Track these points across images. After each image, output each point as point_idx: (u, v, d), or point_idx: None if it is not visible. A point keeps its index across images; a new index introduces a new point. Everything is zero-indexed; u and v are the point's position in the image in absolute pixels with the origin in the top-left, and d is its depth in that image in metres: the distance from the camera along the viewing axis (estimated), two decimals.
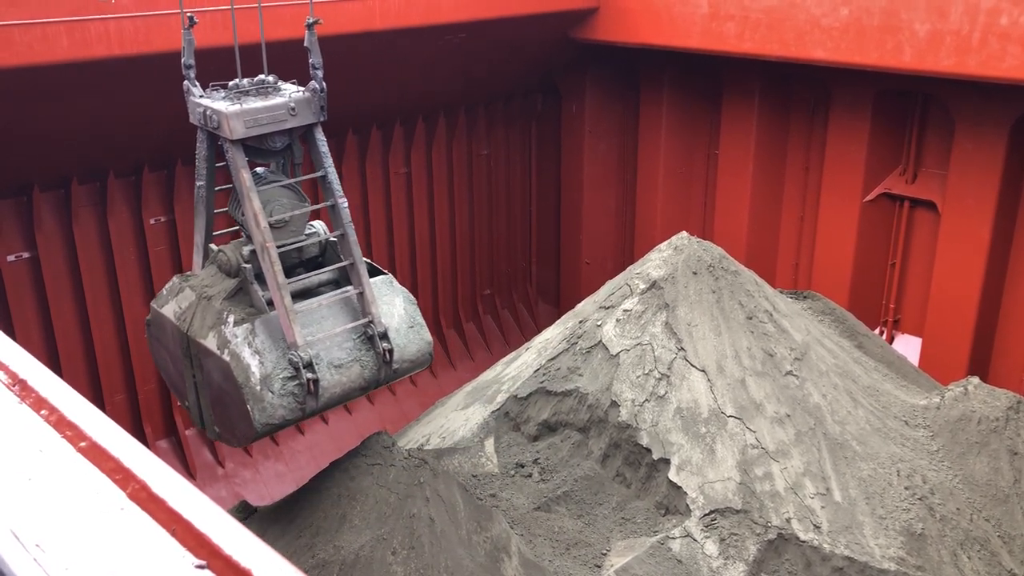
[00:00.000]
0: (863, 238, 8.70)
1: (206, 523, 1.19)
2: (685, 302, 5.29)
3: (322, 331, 3.86)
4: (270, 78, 4.00)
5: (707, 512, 4.61)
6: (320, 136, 3.98)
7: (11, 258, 7.39)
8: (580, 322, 5.64)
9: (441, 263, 10.59)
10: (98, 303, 7.87)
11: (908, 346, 8.57)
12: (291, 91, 3.91)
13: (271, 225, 3.82)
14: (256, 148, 3.85)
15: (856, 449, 4.96)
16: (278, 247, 3.82)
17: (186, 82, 3.91)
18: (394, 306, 4.09)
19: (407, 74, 8.80)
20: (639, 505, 4.85)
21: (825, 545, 4.55)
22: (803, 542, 4.54)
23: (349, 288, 4.03)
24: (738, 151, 9.45)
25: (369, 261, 4.22)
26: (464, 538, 3.89)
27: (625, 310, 5.42)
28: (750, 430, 4.87)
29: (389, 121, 9.58)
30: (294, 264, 4.10)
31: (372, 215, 9.68)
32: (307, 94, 3.89)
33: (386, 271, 4.24)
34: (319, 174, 4.01)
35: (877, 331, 8.70)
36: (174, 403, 8.50)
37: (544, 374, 5.45)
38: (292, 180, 4.02)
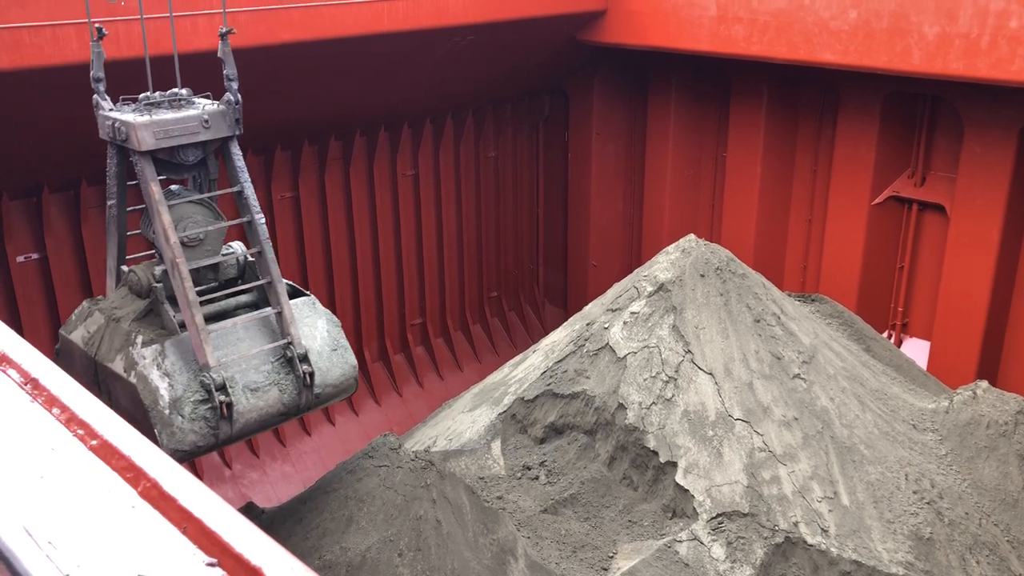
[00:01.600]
0: (871, 241, 8.67)
1: (217, 521, 1.20)
2: (692, 305, 5.29)
3: (237, 352, 3.70)
4: (184, 91, 3.86)
5: (714, 515, 4.60)
6: (236, 150, 3.83)
7: (21, 259, 7.42)
8: (587, 324, 5.64)
9: (448, 265, 10.60)
10: None
11: (916, 350, 8.53)
12: (205, 104, 3.78)
13: (184, 243, 3.69)
14: (168, 162, 3.71)
15: (864, 453, 4.95)
16: (193, 270, 3.70)
17: (95, 96, 3.79)
18: (316, 328, 3.93)
19: (415, 76, 8.82)
20: (646, 508, 4.85)
21: (833, 549, 4.53)
22: (811, 546, 4.53)
23: (268, 308, 3.85)
24: (746, 153, 9.43)
25: (290, 283, 4.11)
26: (471, 540, 3.89)
27: (632, 313, 5.41)
28: (757, 433, 4.86)
29: (397, 123, 9.60)
30: (211, 286, 3.96)
31: (379, 217, 9.69)
32: (221, 107, 3.74)
33: (308, 292, 4.11)
34: (235, 189, 3.85)
35: (885, 334, 8.67)
36: None
37: (551, 376, 5.44)
38: (206, 195, 3.87)
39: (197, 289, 3.69)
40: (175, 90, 3.84)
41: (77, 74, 6.14)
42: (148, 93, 3.77)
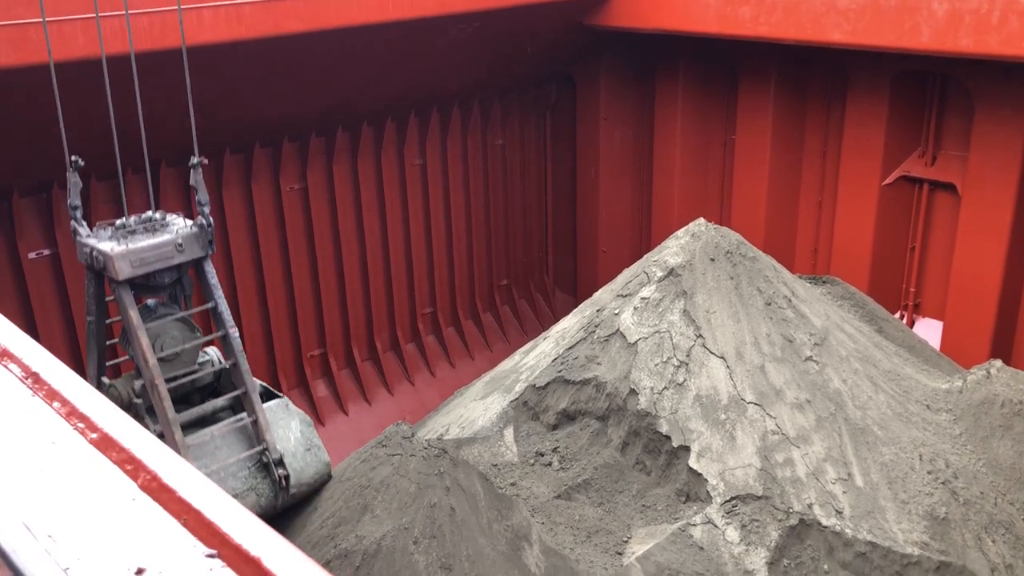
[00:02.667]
0: (882, 222, 8.62)
1: (216, 512, 1.20)
2: (703, 289, 5.27)
3: (216, 462, 3.87)
4: (157, 215, 3.98)
5: (728, 498, 4.60)
6: (209, 268, 3.99)
7: (32, 255, 7.46)
8: (597, 311, 5.63)
9: (458, 254, 10.60)
10: None
11: (929, 330, 8.50)
12: (179, 226, 3.91)
13: (163, 359, 3.85)
14: (144, 285, 3.86)
15: (878, 434, 4.94)
16: (170, 379, 3.84)
17: (72, 222, 3.92)
18: (290, 430, 4.11)
19: (421, 65, 8.80)
20: (660, 492, 4.85)
21: (847, 530, 4.53)
22: (825, 527, 4.53)
23: (243, 415, 4.02)
24: (755, 136, 9.39)
25: (264, 385, 4.28)
26: (485, 527, 3.90)
27: (643, 298, 5.40)
28: (770, 416, 4.85)
29: (403, 113, 9.59)
30: (188, 392, 4.11)
31: (388, 207, 9.70)
32: (195, 229, 3.88)
33: (281, 394, 4.27)
34: (209, 306, 4.00)
35: (897, 315, 8.64)
36: None
37: (562, 363, 5.45)
38: (183, 313, 4.03)
39: (173, 388, 3.84)
40: (149, 214, 3.96)
41: (84, 69, 6.16)
42: (123, 219, 3.89)
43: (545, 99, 11.10)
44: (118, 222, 3.90)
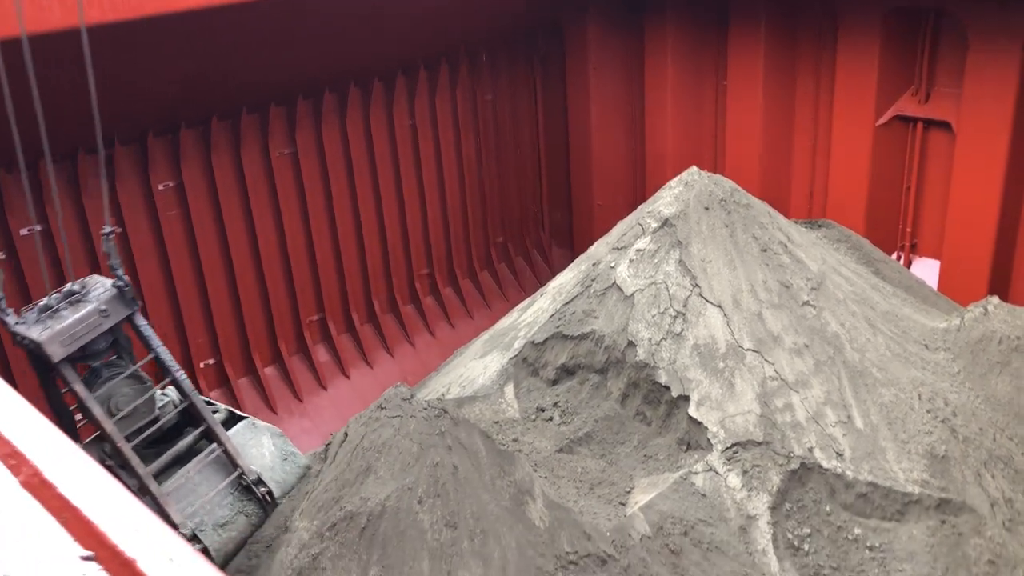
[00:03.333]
0: (877, 162, 8.56)
1: (96, 511, 1.12)
2: (698, 238, 5.25)
3: (199, 498, 4.02)
4: (76, 285, 4.03)
5: (729, 445, 4.64)
6: (140, 322, 4.05)
7: (24, 232, 7.41)
8: (593, 265, 5.62)
9: (452, 214, 10.55)
10: None
11: (926, 270, 8.49)
12: (99, 292, 3.97)
13: (121, 417, 3.99)
14: (82, 356, 3.94)
15: (876, 375, 4.95)
16: (136, 431, 3.99)
17: None
18: (262, 446, 4.31)
19: (404, 23, 8.67)
20: (660, 442, 4.88)
21: (848, 472, 4.57)
22: (826, 470, 4.56)
23: (214, 446, 4.17)
24: (747, 80, 9.28)
25: (228, 408, 4.45)
26: (488, 483, 3.93)
27: (638, 250, 5.39)
28: (768, 362, 4.87)
29: (391, 72, 9.47)
30: (156, 438, 4.26)
31: (379, 169, 9.62)
32: (113, 291, 3.96)
33: (246, 415, 4.40)
34: (151, 357, 4.11)
35: (894, 256, 8.62)
36: (194, 363, 8.60)
37: (560, 319, 5.45)
38: (130, 369, 4.12)
39: (144, 435, 4.02)
40: (69, 286, 4.01)
41: (63, 41, 6.06)
42: (45, 300, 3.96)
43: (533, 50, 10.95)
44: (41, 303, 3.98)
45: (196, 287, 8.47)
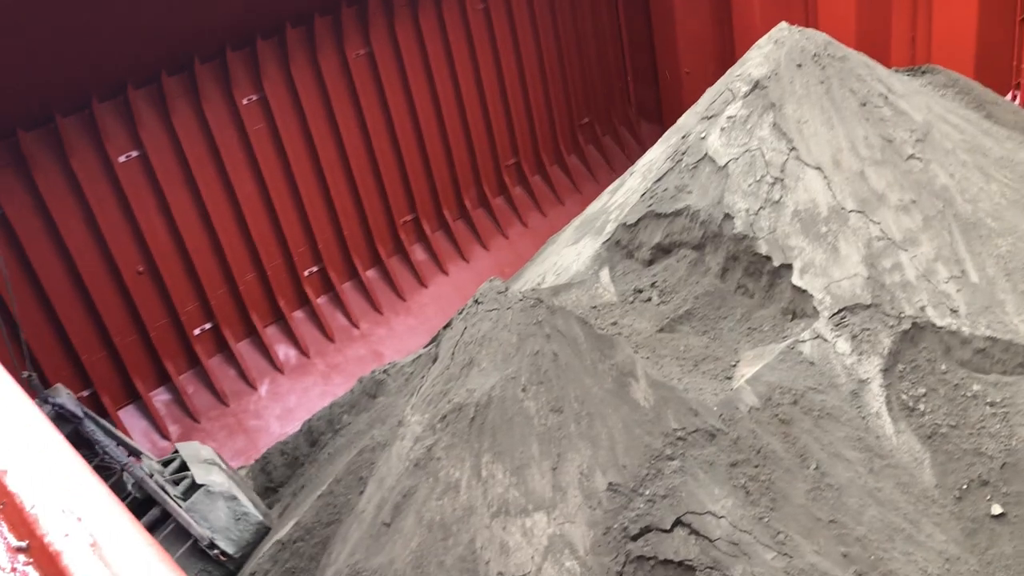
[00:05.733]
0: None
1: (34, 499, 1.07)
2: (792, 98, 5.00)
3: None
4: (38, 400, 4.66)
5: (836, 311, 4.51)
6: (88, 428, 4.74)
7: (122, 159, 7.64)
8: (683, 137, 5.44)
9: (534, 99, 10.34)
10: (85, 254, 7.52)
11: None
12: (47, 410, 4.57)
13: None
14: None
15: (991, 226, 4.69)
16: None
17: None
18: (217, 510, 4.84)
19: None
20: (764, 314, 4.79)
21: (964, 328, 4.39)
22: (940, 328, 4.40)
23: (173, 520, 4.75)
24: None
25: (193, 477, 4.99)
26: (589, 368, 3.95)
27: (729, 117, 5.17)
28: (874, 222, 4.66)
29: None
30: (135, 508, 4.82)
31: (456, 59, 9.47)
32: (53, 413, 4.62)
33: (203, 483, 4.91)
34: (101, 457, 4.77)
35: (1008, 96, 8.04)
36: (275, 289, 8.85)
37: (651, 197, 5.33)
38: (96, 462, 4.72)
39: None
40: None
41: None
42: None
43: None
44: None
45: (291, 198, 8.64)
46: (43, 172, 7.16)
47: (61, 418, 4.70)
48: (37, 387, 4.83)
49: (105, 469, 4.92)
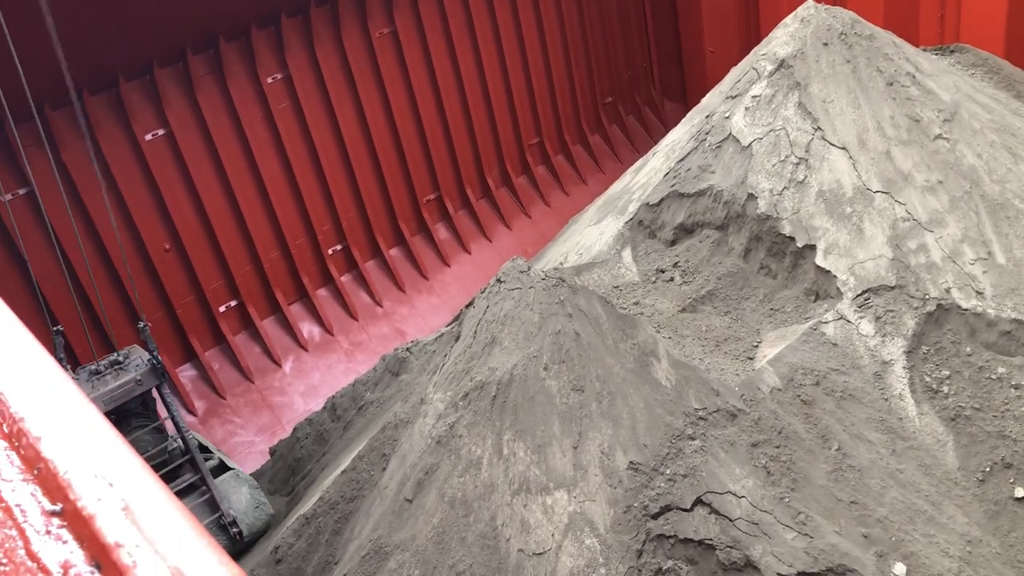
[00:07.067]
0: None
1: (68, 463, 1.10)
2: (818, 77, 4.95)
3: None
4: (120, 356, 5.24)
5: (860, 292, 4.49)
6: (165, 390, 5.28)
7: (148, 137, 7.70)
8: (707, 116, 5.41)
9: (557, 78, 10.30)
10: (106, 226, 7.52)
11: None
12: (137, 363, 5.16)
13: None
14: (117, 411, 5.11)
15: (1019, 207, 4.64)
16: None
17: None
18: (241, 494, 5.29)
19: None
20: (787, 295, 4.78)
21: (990, 310, 4.36)
22: (965, 310, 4.37)
23: (205, 489, 5.26)
24: None
25: (222, 457, 5.55)
26: (611, 347, 3.96)
27: (753, 96, 5.14)
28: (899, 203, 4.63)
29: None
30: (173, 469, 5.39)
31: (480, 40, 9.44)
32: (148, 366, 5.15)
33: (235, 466, 5.48)
34: (166, 417, 5.35)
35: None
36: (299, 266, 8.90)
37: (674, 177, 5.31)
38: (154, 424, 5.37)
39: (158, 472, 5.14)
40: (114, 356, 5.26)
41: None
42: (96, 364, 5.19)
43: None
44: (91, 367, 5.18)
45: (315, 177, 8.67)
46: (70, 150, 7.24)
47: (155, 371, 5.15)
48: (148, 338, 5.27)
49: (157, 431, 5.37)
